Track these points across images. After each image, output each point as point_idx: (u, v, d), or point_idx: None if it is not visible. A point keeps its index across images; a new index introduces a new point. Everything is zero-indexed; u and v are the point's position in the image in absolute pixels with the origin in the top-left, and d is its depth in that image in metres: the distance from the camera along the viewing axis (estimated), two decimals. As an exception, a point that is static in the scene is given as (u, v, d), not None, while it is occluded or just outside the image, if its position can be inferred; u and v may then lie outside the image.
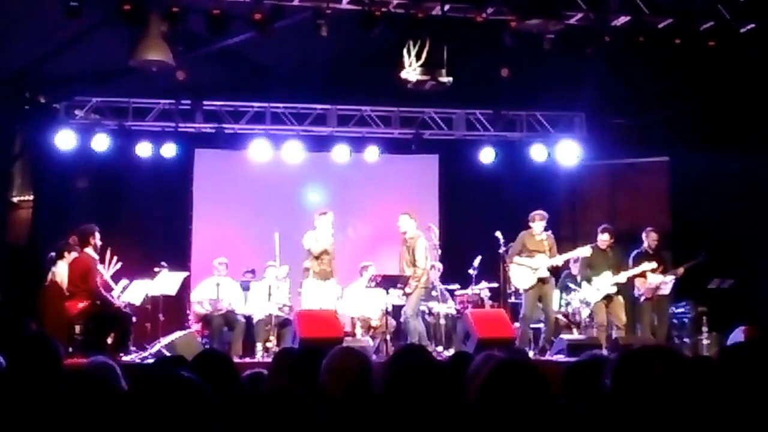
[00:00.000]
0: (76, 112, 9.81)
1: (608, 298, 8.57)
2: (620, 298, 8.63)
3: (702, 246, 8.94)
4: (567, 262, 8.99)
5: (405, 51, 7.55)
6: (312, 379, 3.06)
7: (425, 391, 2.25)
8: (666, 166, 10.49)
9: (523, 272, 8.45)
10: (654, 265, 8.61)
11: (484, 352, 3.43)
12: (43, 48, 8.60)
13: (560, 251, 8.61)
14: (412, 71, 7.56)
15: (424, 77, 7.54)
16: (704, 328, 9.04)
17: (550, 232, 8.59)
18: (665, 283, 8.79)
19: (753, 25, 7.99)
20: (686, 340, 9.28)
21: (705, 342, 8.95)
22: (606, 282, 8.55)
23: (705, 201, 9.65)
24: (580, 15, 7.87)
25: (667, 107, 9.54)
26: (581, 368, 3.33)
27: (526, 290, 8.47)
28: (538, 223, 8.52)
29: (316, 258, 8.48)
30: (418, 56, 7.51)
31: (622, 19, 7.98)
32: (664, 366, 2.16)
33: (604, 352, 8.00)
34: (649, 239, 8.89)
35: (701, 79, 8.85)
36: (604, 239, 8.69)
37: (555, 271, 8.77)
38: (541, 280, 8.40)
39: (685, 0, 7.99)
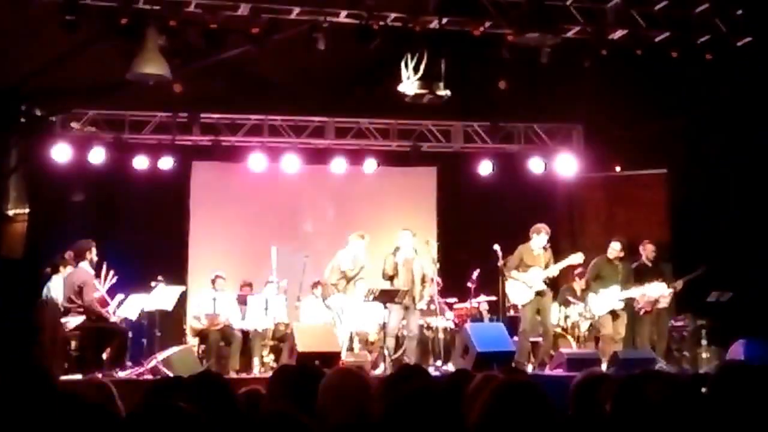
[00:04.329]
0: (73, 124, 9.78)
1: (614, 312, 8.52)
2: (625, 315, 8.57)
3: (701, 258, 8.92)
4: (568, 274, 8.94)
5: (403, 64, 7.55)
6: (311, 400, 3.03)
7: (424, 420, 2.22)
8: (664, 179, 10.47)
9: (520, 287, 8.39)
10: (663, 288, 8.56)
11: (484, 372, 3.39)
12: (40, 61, 8.57)
13: (555, 262, 8.54)
14: (409, 84, 7.55)
15: (422, 90, 7.54)
16: (703, 342, 9.00)
17: (549, 249, 8.50)
18: (664, 296, 8.76)
19: (749, 39, 8.01)
20: (685, 353, 9.23)
21: (704, 355, 8.90)
22: (614, 296, 8.50)
23: (703, 213, 9.63)
24: (577, 28, 7.88)
25: (664, 120, 9.54)
26: (581, 386, 3.30)
27: (524, 305, 8.40)
28: (542, 236, 8.40)
29: (348, 279, 8.43)
30: (415, 69, 7.51)
31: (619, 33, 7.99)
32: (663, 392, 2.19)
33: (604, 366, 7.99)
34: (646, 251, 8.87)
35: (698, 92, 8.86)
36: (614, 250, 8.62)
37: (553, 284, 8.73)
38: (539, 294, 8.34)
39: (681, 13, 8.01)
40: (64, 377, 6.68)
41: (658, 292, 8.67)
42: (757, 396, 2.44)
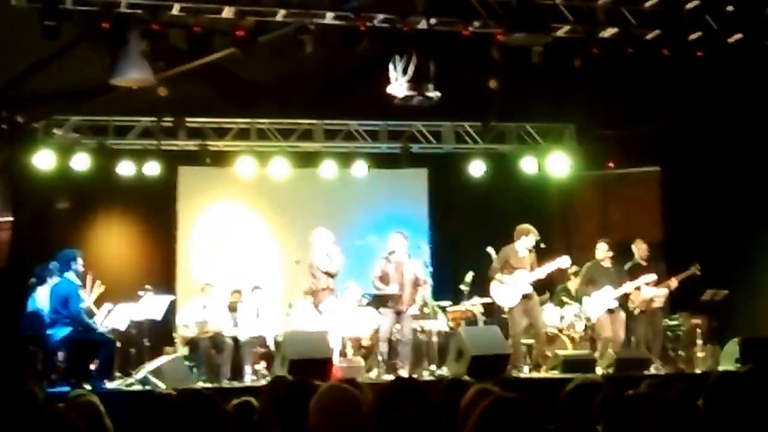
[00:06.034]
0: (56, 131, 9.61)
1: (611, 313, 8.45)
2: (622, 314, 8.51)
3: (695, 257, 8.86)
4: (563, 274, 8.86)
5: (391, 66, 7.44)
6: (303, 415, 2.91)
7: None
8: (657, 176, 10.41)
9: (506, 290, 8.29)
10: (654, 276, 8.52)
11: (478, 383, 3.30)
12: (21, 66, 8.42)
13: (540, 265, 8.43)
14: (398, 86, 7.45)
15: (411, 92, 7.44)
16: (699, 341, 8.96)
17: (534, 252, 8.40)
18: (658, 295, 8.71)
19: (740, 35, 7.95)
20: (681, 352, 9.18)
21: (699, 354, 8.86)
22: (607, 296, 8.43)
23: (697, 211, 9.57)
24: (567, 27, 7.80)
25: (657, 117, 9.48)
26: (573, 394, 3.32)
27: (510, 308, 8.31)
28: (531, 238, 8.30)
29: (333, 275, 8.32)
30: (404, 71, 7.41)
31: (610, 31, 7.92)
32: (655, 419, 2.22)
33: (599, 369, 7.93)
34: (639, 250, 8.82)
35: (691, 89, 8.80)
36: (602, 251, 8.56)
37: (549, 284, 8.64)
38: (525, 297, 8.25)
39: (672, 11, 7.94)
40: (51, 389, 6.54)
41: (651, 291, 8.62)
42: (753, 409, 2.43)
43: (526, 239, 8.31)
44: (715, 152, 9.25)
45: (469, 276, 8.90)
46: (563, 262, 8.46)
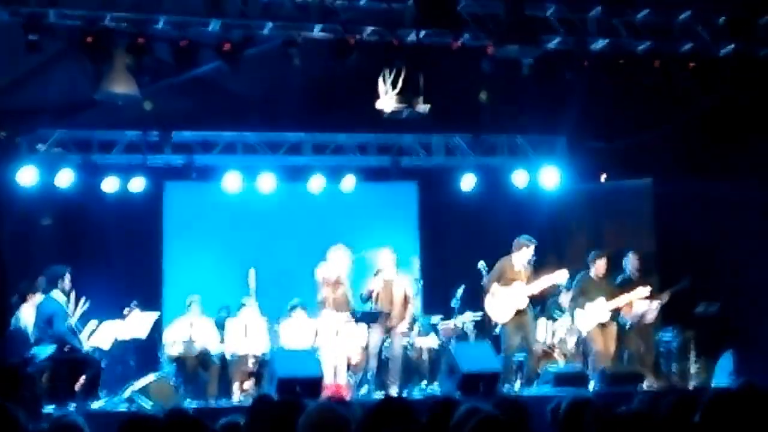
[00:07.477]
0: (39, 146, 9.46)
1: (602, 326, 8.36)
2: (614, 327, 8.41)
3: (688, 269, 8.80)
4: (553, 288, 8.78)
5: (380, 79, 7.37)
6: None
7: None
8: (649, 189, 10.35)
9: (500, 305, 8.15)
10: (648, 291, 8.43)
11: (469, 401, 3.22)
12: (3, 80, 8.30)
13: (536, 278, 8.33)
14: (388, 100, 7.37)
15: (401, 106, 7.36)
16: (692, 354, 8.88)
17: (531, 265, 8.29)
18: (651, 309, 8.63)
19: (732, 46, 7.94)
20: (674, 364, 9.10)
21: (693, 368, 8.79)
22: (600, 309, 8.32)
23: (690, 223, 9.51)
24: (557, 39, 7.76)
25: (648, 129, 9.44)
26: (564, 410, 3.29)
27: (504, 323, 8.19)
28: (530, 250, 8.18)
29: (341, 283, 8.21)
30: (393, 84, 7.34)
31: (601, 43, 7.89)
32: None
33: (591, 384, 7.84)
34: (631, 263, 8.74)
35: (682, 101, 8.77)
36: (600, 267, 8.46)
37: (537, 299, 8.55)
38: (519, 311, 8.12)
39: (663, 22, 7.93)
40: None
41: (643, 305, 8.54)
42: (748, 426, 2.41)
43: (526, 251, 8.19)
44: (707, 163, 9.20)
45: (460, 291, 8.79)
46: (560, 276, 8.33)
